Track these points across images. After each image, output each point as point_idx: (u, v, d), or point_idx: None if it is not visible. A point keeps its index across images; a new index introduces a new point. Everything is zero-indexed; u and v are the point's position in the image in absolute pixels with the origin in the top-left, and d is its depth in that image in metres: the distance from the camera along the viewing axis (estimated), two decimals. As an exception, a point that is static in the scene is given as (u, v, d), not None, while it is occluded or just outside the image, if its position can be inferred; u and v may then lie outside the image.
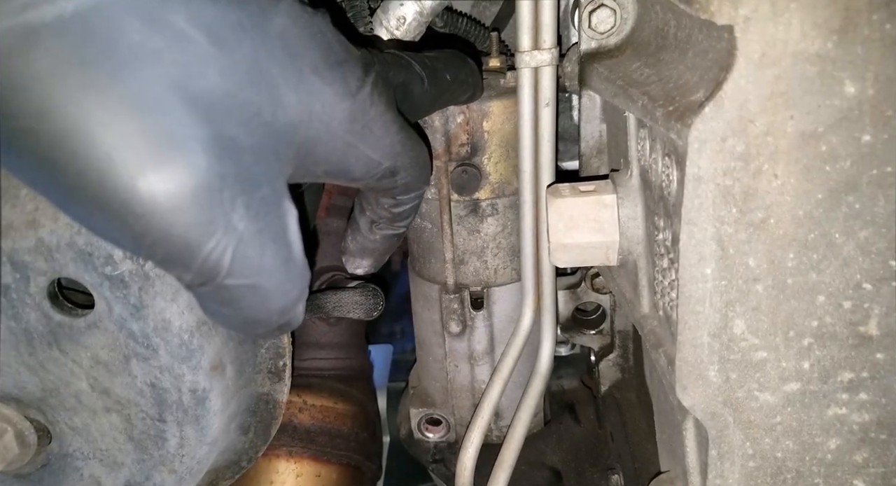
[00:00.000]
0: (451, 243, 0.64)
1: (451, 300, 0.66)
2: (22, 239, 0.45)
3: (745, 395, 0.40)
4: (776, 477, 0.42)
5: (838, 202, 0.35)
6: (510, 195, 0.63)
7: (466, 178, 0.61)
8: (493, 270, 0.66)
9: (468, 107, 0.59)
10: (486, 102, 0.59)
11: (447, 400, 0.73)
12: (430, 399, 0.74)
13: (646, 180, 0.47)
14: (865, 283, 0.37)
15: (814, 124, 0.34)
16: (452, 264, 0.65)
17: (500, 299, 0.68)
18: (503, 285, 0.67)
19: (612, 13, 0.52)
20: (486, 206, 0.63)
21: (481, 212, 0.63)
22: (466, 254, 0.65)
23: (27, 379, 0.49)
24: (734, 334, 0.39)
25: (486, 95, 0.59)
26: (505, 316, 0.68)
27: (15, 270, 0.46)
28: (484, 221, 0.64)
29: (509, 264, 0.66)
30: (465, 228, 0.64)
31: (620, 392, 0.78)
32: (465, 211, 0.63)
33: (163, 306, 0.47)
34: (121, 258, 0.45)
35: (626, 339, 0.76)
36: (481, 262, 0.66)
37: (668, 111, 0.37)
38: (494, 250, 0.65)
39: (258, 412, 0.61)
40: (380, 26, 0.62)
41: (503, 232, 0.65)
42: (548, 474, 0.75)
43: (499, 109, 0.60)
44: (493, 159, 0.61)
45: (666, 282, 0.44)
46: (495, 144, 0.61)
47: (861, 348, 0.38)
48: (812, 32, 0.32)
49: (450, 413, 0.74)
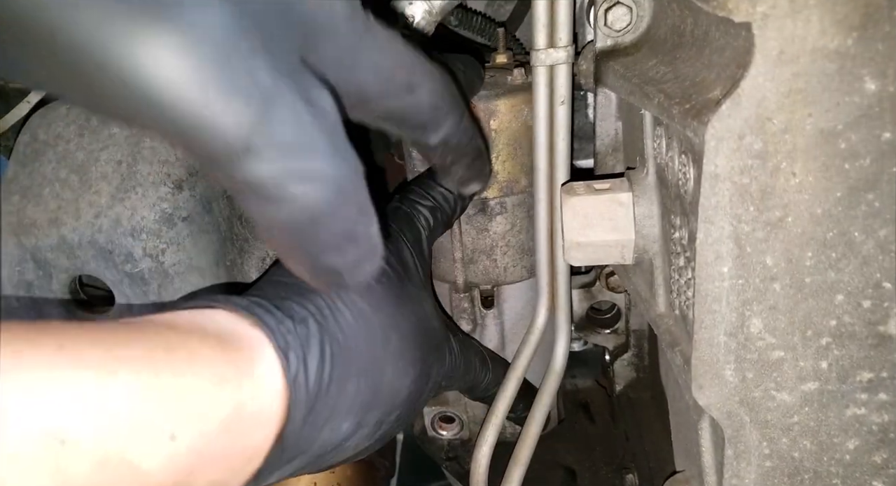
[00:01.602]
0: (460, 243, 0.64)
1: (461, 299, 0.66)
2: (45, 237, 0.46)
3: (761, 394, 0.40)
4: (793, 478, 0.42)
5: (858, 200, 0.35)
6: (519, 193, 0.63)
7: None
8: (503, 268, 0.66)
9: (474, 106, 0.58)
10: (493, 100, 0.59)
11: (459, 398, 0.73)
12: (442, 397, 0.74)
13: (662, 178, 0.47)
14: (885, 282, 0.36)
15: (833, 122, 0.33)
16: (462, 263, 0.65)
17: (511, 297, 0.68)
18: (513, 284, 0.67)
19: (629, 11, 0.52)
20: (495, 205, 0.63)
21: (490, 211, 0.63)
22: (476, 253, 0.65)
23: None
24: (751, 334, 0.39)
25: (493, 94, 0.59)
26: (515, 314, 0.68)
27: (38, 267, 0.46)
28: (493, 220, 0.64)
29: (519, 262, 0.66)
30: (474, 227, 0.64)
31: (635, 392, 0.78)
32: (473, 210, 0.63)
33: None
34: (140, 256, 0.46)
35: (641, 338, 0.76)
36: (491, 261, 0.65)
37: (685, 109, 0.37)
38: (504, 249, 0.65)
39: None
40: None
41: (512, 230, 0.65)
42: (562, 473, 0.75)
43: (506, 108, 0.59)
44: (501, 158, 0.61)
45: (682, 281, 0.43)
46: (503, 142, 0.60)
47: (880, 347, 0.38)
48: (831, 29, 0.32)
49: (462, 411, 0.74)
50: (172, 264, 0.47)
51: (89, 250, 0.46)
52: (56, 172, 0.49)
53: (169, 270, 0.47)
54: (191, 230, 0.48)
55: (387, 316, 0.42)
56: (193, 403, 0.30)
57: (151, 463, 0.28)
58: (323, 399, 0.36)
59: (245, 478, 0.34)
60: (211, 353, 0.32)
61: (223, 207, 0.52)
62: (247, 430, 0.33)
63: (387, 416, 0.43)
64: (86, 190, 0.48)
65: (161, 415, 0.28)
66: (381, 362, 0.41)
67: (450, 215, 0.56)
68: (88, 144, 0.50)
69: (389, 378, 0.42)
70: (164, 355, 0.30)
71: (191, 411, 0.30)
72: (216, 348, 0.32)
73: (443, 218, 0.54)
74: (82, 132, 0.50)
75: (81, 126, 0.51)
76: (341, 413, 0.38)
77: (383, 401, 0.42)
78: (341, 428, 0.39)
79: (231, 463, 0.32)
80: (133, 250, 0.46)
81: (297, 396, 0.34)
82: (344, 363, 0.38)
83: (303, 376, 0.35)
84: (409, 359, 0.44)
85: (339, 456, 0.42)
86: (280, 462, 0.36)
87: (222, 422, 0.31)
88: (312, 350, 0.36)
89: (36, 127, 0.52)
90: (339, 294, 0.39)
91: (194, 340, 0.32)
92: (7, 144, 0.76)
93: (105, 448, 0.26)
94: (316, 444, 0.38)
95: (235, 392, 0.32)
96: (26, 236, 0.46)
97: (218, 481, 0.32)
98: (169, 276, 0.47)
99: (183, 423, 0.29)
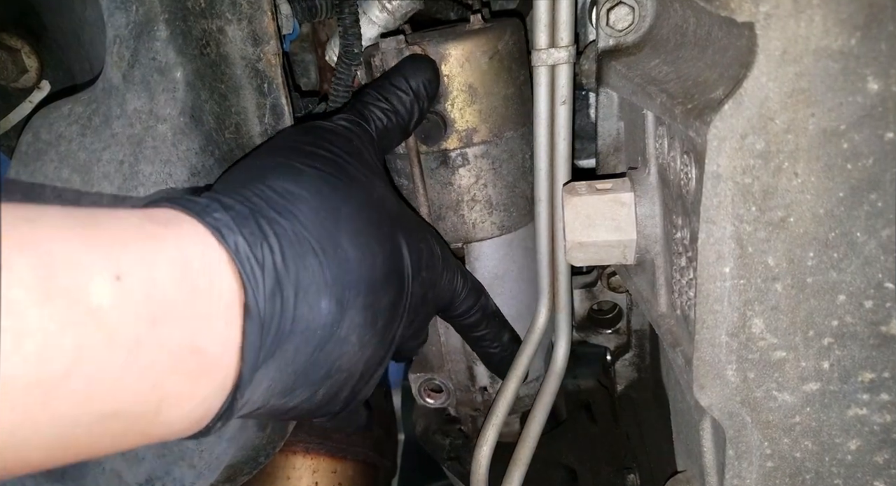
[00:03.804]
0: (426, 198, 0.63)
1: None
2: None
3: (763, 395, 0.40)
4: (795, 478, 0.42)
5: (860, 201, 0.35)
6: (480, 144, 0.61)
7: (429, 125, 0.59)
8: (472, 224, 0.64)
9: (424, 51, 0.57)
10: (442, 44, 0.57)
11: (443, 364, 0.72)
12: (428, 364, 0.73)
13: (664, 178, 0.47)
14: (887, 282, 0.36)
15: (836, 122, 0.33)
16: (429, 219, 0.64)
17: (483, 255, 0.66)
18: (483, 241, 0.66)
19: (631, 11, 0.52)
20: (456, 156, 0.61)
21: (451, 163, 0.62)
22: (442, 209, 0.64)
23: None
24: (753, 334, 0.39)
25: (442, 38, 0.57)
26: (489, 273, 0.67)
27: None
28: (455, 173, 0.62)
29: (488, 217, 0.65)
30: (438, 181, 0.63)
31: (637, 392, 0.78)
32: (435, 163, 0.62)
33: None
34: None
35: (642, 338, 0.76)
36: (458, 216, 0.64)
37: (688, 109, 0.37)
38: (470, 203, 0.64)
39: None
40: (371, 2, 0.62)
41: (477, 184, 0.63)
42: (563, 472, 0.75)
43: (457, 51, 0.57)
44: (458, 105, 0.59)
45: (684, 281, 0.43)
46: (457, 88, 0.59)
47: (882, 348, 0.38)
48: (835, 29, 0.32)
49: (447, 378, 0.73)
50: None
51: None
52: (58, 172, 0.49)
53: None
54: (192, 230, 0.48)
55: (326, 197, 0.43)
56: (133, 249, 0.31)
57: (100, 299, 0.28)
58: (283, 274, 0.37)
59: (230, 358, 0.34)
60: (139, 220, 0.34)
61: (225, 206, 0.52)
62: (203, 292, 0.33)
63: (373, 299, 0.44)
64: (88, 190, 0.48)
65: (98, 255, 0.29)
66: (336, 236, 0.42)
67: (406, 120, 0.55)
68: (90, 144, 0.50)
69: (354, 255, 0.42)
70: (101, 217, 0.32)
71: (131, 256, 0.31)
72: (144, 217, 0.34)
73: (399, 121, 0.54)
74: (84, 132, 0.50)
75: (83, 126, 0.51)
76: (312, 290, 0.39)
77: (358, 278, 0.42)
78: (320, 306, 0.39)
79: (198, 324, 0.33)
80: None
81: (245, 267, 0.35)
82: (294, 241, 0.39)
83: (245, 248, 0.36)
84: (371, 234, 0.45)
85: (347, 353, 0.43)
86: (264, 341, 0.36)
87: (169, 271, 0.32)
88: (248, 227, 0.37)
89: (38, 126, 0.52)
90: (274, 188, 0.41)
91: (131, 215, 0.34)
92: (9, 143, 0.76)
93: (47, 284, 0.27)
94: (298, 322, 0.38)
95: (174, 249, 0.33)
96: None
97: (193, 345, 0.32)
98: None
99: (125, 265, 0.30)
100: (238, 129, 0.54)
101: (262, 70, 0.53)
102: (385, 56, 0.58)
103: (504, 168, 0.63)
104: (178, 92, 0.49)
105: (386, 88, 0.54)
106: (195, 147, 0.50)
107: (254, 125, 0.54)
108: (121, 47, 0.49)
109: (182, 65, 0.49)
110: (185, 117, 0.49)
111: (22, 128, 0.56)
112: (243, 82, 0.53)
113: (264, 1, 0.51)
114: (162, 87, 0.49)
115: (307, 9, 0.60)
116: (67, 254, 0.28)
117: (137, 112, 0.49)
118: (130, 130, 0.50)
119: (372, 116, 0.52)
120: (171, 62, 0.49)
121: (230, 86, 0.53)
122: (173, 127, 0.49)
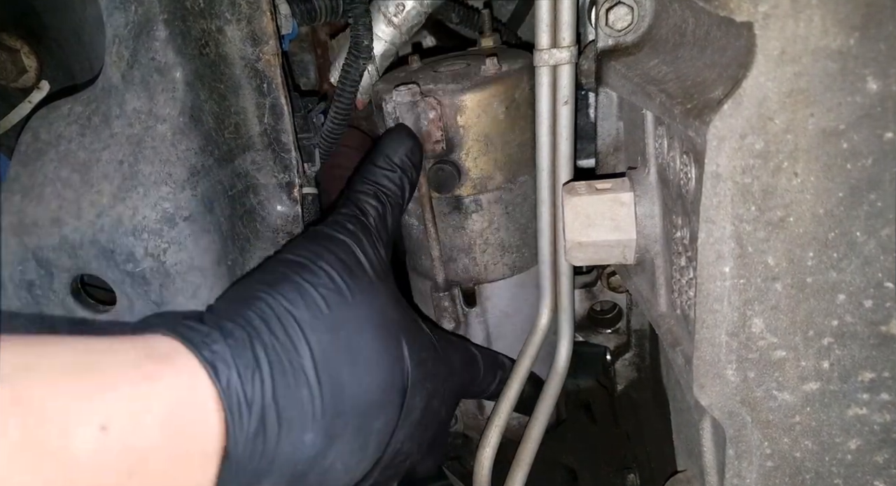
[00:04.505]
0: (437, 241, 0.63)
1: (441, 298, 0.65)
2: (47, 236, 0.46)
3: (763, 394, 0.40)
4: (795, 478, 0.42)
5: (860, 200, 0.35)
6: (494, 190, 0.62)
7: (443, 176, 0.59)
8: (483, 266, 0.65)
9: (440, 102, 0.57)
10: (459, 95, 0.57)
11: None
12: None
13: (663, 178, 0.46)
14: (887, 282, 0.36)
15: (835, 122, 0.33)
16: (440, 261, 0.64)
17: (494, 295, 0.67)
18: (495, 282, 0.66)
19: (630, 10, 0.52)
20: (469, 202, 0.62)
21: (465, 209, 0.62)
22: (454, 251, 0.64)
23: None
24: (752, 333, 0.39)
25: (459, 88, 0.57)
26: (499, 312, 0.67)
27: (39, 266, 0.47)
28: (468, 218, 0.63)
29: (500, 259, 0.65)
30: (450, 225, 0.63)
31: (637, 392, 0.78)
32: (448, 208, 0.62)
33: (183, 302, 0.48)
34: (142, 255, 0.46)
35: (642, 338, 0.76)
36: (470, 259, 0.65)
37: (687, 109, 0.37)
38: (483, 247, 0.64)
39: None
40: (378, 13, 0.62)
41: (490, 228, 0.63)
42: (563, 473, 0.75)
43: (473, 103, 0.58)
44: (472, 155, 0.60)
45: (683, 280, 0.43)
46: (472, 138, 0.59)
47: (882, 347, 0.38)
48: (834, 29, 0.32)
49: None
50: (174, 263, 0.47)
51: (91, 250, 0.46)
52: (58, 172, 0.49)
53: (170, 269, 0.47)
54: (192, 230, 0.48)
55: (326, 318, 0.42)
56: (124, 395, 0.31)
57: (81, 451, 0.29)
58: (271, 409, 0.37)
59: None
60: (135, 356, 0.33)
61: (224, 206, 0.52)
62: (186, 436, 0.33)
63: (368, 420, 0.43)
64: (87, 190, 0.48)
65: (87, 405, 0.30)
66: (332, 362, 0.41)
67: (399, 196, 0.55)
68: (90, 144, 0.50)
69: (350, 380, 0.42)
70: (100, 356, 0.32)
71: (121, 404, 0.31)
72: (141, 352, 0.34)
73: (392, 200, 0.54)
74: (84, 132, 0.50)
75: (83, 125, 0.51)
76: (299, 424, 0.39)
77: (353, 404, 0.42)
78: (304, 441, 0.39)
79: (175, 472, 0.33)
80: (134, 250, 0.46)
81: (233, 407, 0.35)
82: (287, 371, 0.38)
83: (237, 384, 0.36)
84: (370, 353, 0.44)
85: (330, 478, 0.42)
86: (240, 481, 0.36)
87: (156, 416, 0.32)
88: (244, 358, 0.37)
89: (38, 126, 0.52)
90: (274, 308, 0.41)
91: (130, 351, 0.34)
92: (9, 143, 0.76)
93: (31, 437, 0.27)
94: (279, 460, 0.38)
95: (166, 392, 0.33)
96: (28, 236, 0.46)
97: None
98: (170, 275, 0.47)
99: (114, 414, 0.30)
100: (237, 128, 0.54)
101: (261, 70, 0.53)
102: (399, 108, 0.58)
103: (517, 211, 0.64)
104: (177, 92, 0.49)
105: (373, 173, 0.55)
106: (195, 147, 0.50)
107: (253, 125, 0.54)
108: (120, 47, 0.49)
109: (181, 65, 0.49)
110: (185, 117, 0.49)
111: (22, 128, 0.56)
112: (242, 82, 0.53)
113: (263, 1, 0.51)
114: (161, 87, 0.49)
115: (306, 11, 0.60)
116: (58, 405, 0.29)
117: (137, 112, 0.49)
118: (130, 129, 0.50)
119: (367, 206, 0.52)
120: (171, 62, 0.49)
121: (229, 86, 0.53)
122: (173, 127, 0.49)
